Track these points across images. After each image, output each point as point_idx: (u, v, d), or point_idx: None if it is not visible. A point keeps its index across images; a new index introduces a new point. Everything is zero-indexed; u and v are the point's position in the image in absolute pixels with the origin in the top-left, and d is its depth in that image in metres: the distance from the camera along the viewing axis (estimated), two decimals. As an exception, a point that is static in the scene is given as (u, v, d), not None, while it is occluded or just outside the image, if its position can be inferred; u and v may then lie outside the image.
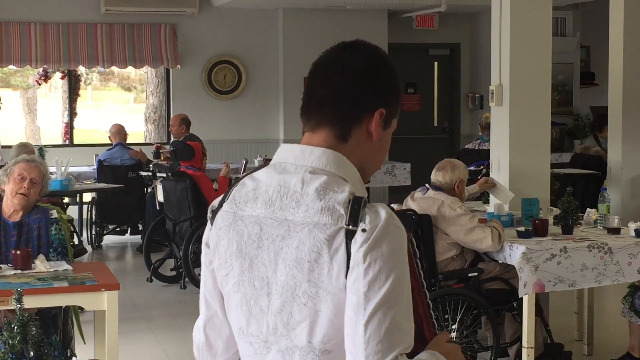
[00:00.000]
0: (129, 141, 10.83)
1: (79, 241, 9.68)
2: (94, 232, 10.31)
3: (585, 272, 5.19)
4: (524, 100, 6.29)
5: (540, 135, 6.34)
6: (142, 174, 10.09)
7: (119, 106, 17.09)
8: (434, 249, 5.52)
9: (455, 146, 13.40)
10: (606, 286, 5.67)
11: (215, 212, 1.91)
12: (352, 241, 1.71)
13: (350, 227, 1.72)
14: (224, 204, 1.89)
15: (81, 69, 12.71)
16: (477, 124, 11.59)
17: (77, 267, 4.77)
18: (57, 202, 7.75)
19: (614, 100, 7.32)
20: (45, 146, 10.14)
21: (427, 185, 5.73)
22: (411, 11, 12.62)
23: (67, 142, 12.57)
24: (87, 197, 10.31)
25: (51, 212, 4.86)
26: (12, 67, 11.72)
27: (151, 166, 9.98)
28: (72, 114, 12.64)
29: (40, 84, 13.60)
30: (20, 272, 4.56)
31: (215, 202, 1.93)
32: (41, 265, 4.61)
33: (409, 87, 13.53)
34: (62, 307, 4.78)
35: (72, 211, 9.65)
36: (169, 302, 7.87)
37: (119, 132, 10.53)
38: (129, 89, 16.94)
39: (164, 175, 8.88)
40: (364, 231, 1.71)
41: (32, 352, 3.44)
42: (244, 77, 12.47)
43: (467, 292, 5.43)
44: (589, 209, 6.11)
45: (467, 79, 13.77)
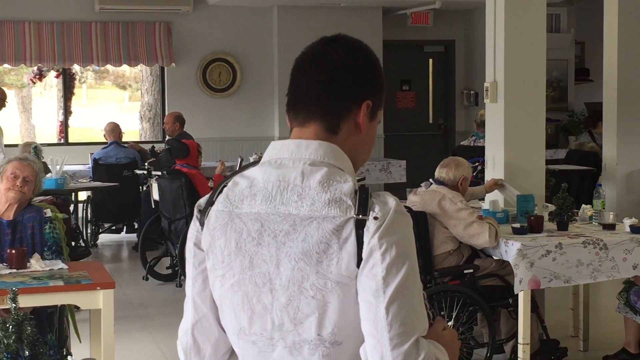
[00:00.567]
0: (124, 139, 10.82)
1: (84, 242, 9.68)
2: (89, 231, 10.31)
3: (580, 268, 5.20)
4: (518, 96, 6.30)
5: (535, 131, 6.35)
6: (137, 172, 10.08)
7: (114, 104, 17.02)
8: (430, 246, 5.53)
9: (450, 143, 13.40)
10: (602, 282, 5.67)
11: (203, 212, 1.89)
12: (365, 229, 1.73)
13: (360, 216, 1.73)
14: (215, 203, 1.87)
15: (76, 68, 12.68)
16: (472, 120, 11.60)
17: (72, 266, 4.77)
18: (61, 204, 7.70)
19: (609, 96, 7.34)
20: (40, 144, 10.11)
21: (430, 180, 5.75)
22: (406, 8, 12.61)
23: (62, 141, 12.53)
24: (83, 195, 10.30)
25: (45, 210, 4.86)
26: (6, 65, 11.69)
27: (146, 164, 9.97)
28: (67, 112, 12.60)
29: (35, 83, 13.57)
30: (15, 271, 4.56)
31: (201, 201, 1.92)
32: (36, 264, 4.61)
33: (404, 84, 13.52)
34: (57, 306, 4.78)
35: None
36: (164, 301, 7.87)
37: (114, 130, 10.51)
38: (124, 87, 16.88)
39: (159, 173, 8.87)
40: (376, 219, 1.73)
41: (27, 352, 3.44)
42: (239, 75, 12.45)
43: (462, 288, 5.44)
44: (584, 205, 6.12)
45: (462, 76, 13.76)
